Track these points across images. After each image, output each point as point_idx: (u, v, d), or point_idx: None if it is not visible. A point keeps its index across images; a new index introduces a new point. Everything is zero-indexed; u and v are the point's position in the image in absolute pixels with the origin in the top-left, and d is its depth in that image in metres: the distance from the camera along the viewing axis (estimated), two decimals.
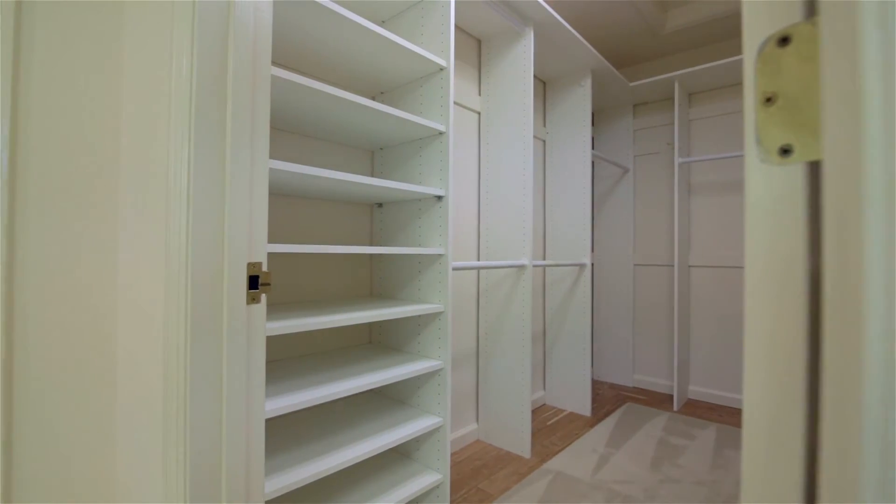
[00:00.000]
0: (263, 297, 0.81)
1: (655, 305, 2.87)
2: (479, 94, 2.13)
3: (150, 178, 0.81)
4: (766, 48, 0.30)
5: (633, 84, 2.64)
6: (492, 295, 2.07)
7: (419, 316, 1.47)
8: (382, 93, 1.62)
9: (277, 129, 1.38)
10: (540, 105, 2.57)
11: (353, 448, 1.14)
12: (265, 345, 0.82)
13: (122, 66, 0.90)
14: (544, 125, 2.59)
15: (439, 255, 1.41)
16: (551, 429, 2.21)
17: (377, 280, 1.66)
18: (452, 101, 1.40)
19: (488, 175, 2.10)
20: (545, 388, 2.57)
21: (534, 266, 2.19)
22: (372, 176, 1.67)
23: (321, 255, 1.50)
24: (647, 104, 2.94)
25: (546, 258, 2.59)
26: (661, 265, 2.86)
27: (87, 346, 0.86)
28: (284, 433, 1.23)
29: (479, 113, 2.13)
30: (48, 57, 0.82)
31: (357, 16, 1.13)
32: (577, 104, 2.44)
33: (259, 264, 0.79)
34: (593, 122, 3.11)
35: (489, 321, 2.08)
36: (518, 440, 1.93)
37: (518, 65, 1.96)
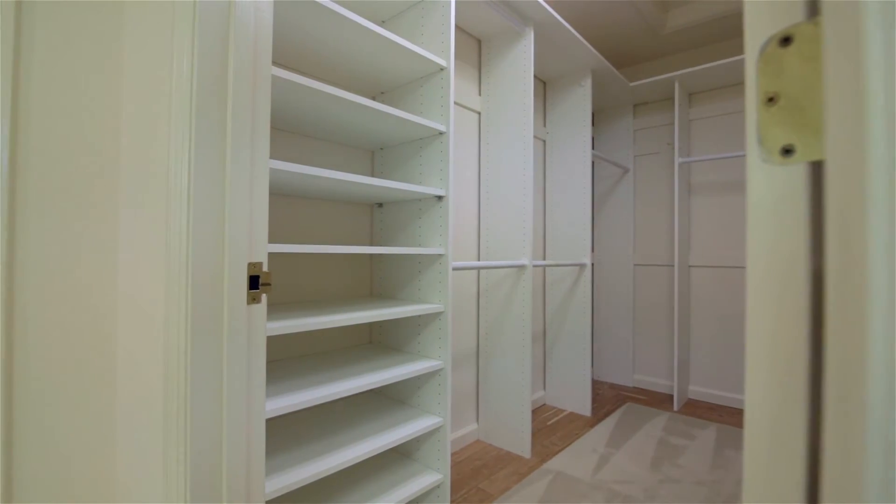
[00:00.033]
0: (264, 298, 0.81)
1: (655, 305, 2.87)
2: (480, 94, 2.13)
3: (151, 177, 0.81)
4: (767, 48, 0.30)
5: (633, 84, 2.64)
6: (492, 295, 2.07)
7: (419, 316, 1.47)
8: (383, 93, 1.62)
9: (278, 129, 1.38)
10: (540, 105, 2.57)
11: (354, 448, 1.14)
12: (265, 345, 0.82)
13: (122, 66, 0.90)
14: (544, 125, 2.59)
15: (439, 255, 1.41)
16: (551, 429, 2.21)
17: (377, 280, 1.66)
18: (453, 101, 1.40)
19: (488, 175, 2.10)
20: (545, 388, 2.57)
21: (534, 266, 2.19)
22: (372, 176, 1.66)
23: (321, 255, 1.50)
24: (647, 104, 2.94)
25: (546, 258, 2.59)
26: (661, 265, 2.86)
27: (87, 346, 0.86)
28: (285, 433, 1.23)
29: (479, 113, 2.13)
30: (48, 57, 0.82)
31: (357, 16, 1.13)
32: (577, 104, 2.44)
33: (259, 264, 0.79)
34: (593, 122, 3.11)
35: (489, 321, 2.08)
36: (518, 440, 1.93)
37: (518, 65, 1.96)
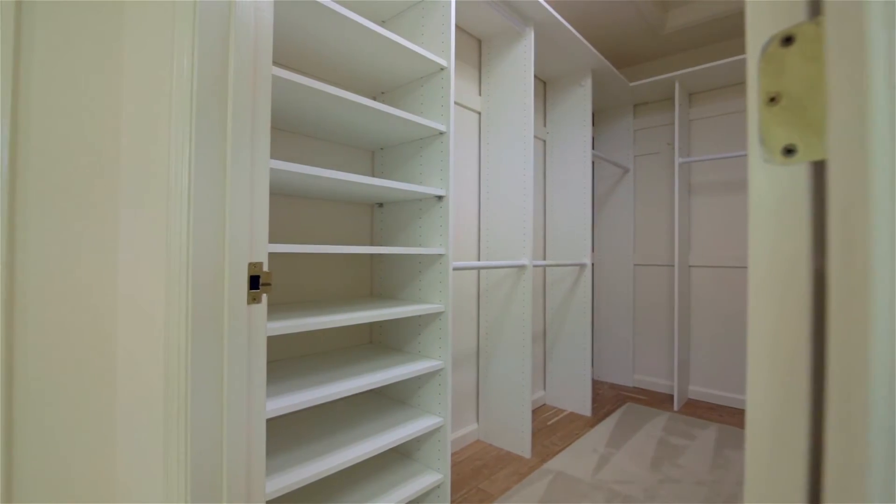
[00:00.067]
0: (264, 298, 0.80)
1: (655, 305, 2.87)
2: (480, 94, 2.13)
3: (151, 177, 0.81)
4: (769, 48, 0.30)
5: (633, 84, 2.64)
6: (492, 295, 2.07)
7: (420, 316, 1.47)
8: (383, 93, 1.62)
9: (278, 129, 1.37)
10: (540, 105, 2.57)
11: (354, 448, 1.14)
12: (266, 345, 0.82)
13: (122, 66, 0.90)
14: (545, 125, 2.59)
15: (440, 255, 1.41)
16: (551, 429, 2.21)
17: (378, 280, 1.66)
18: (453, 100, 1.41)
19: (489, 175, 2.10)
20: (545, 388, 2.57)
21: (534, 266, 2.19)
22: (372, 176, 1.66)
23: (322, 255, 1.50)
24: (647, 104, 2.94)
25: (546, 258, 2.59)
26: (661, 265, 2.86)
27: (87, 346, 0.86)
28: (285, 433, 1.23)
29: (479, 113, 2.13)
30: (48, 57, 0.82)
31: (358, 16, 1.13)
32: (577, 104, 2.44)
33: (260, 264, 0.79)
34: (593, 122, 3.11)
35: (489, 321, 2.08)
36: (518, 440, 1.93)
37: (518, 65, 1.96)
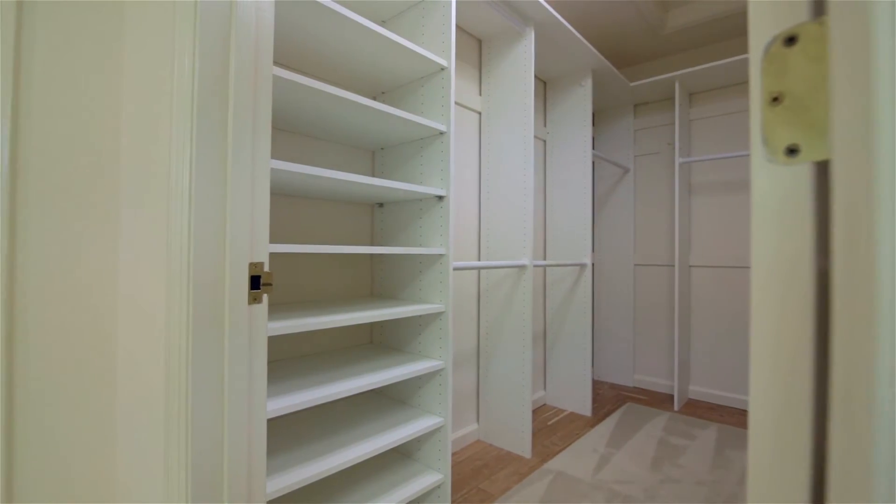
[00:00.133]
0: (265, 298, 0.80)
1: (656, 305, 2.87)
2: (480, 94, 2.13)
3: (152, 177, 0.81)
4: (772, 47, 0.30)
5: (633, 84, 2.64)
6: (492, 295, 2.07)
7: (420, 316, 1.47)
8: (383, 93, 1.62)
9: (279, 129, 1.37)
10: (540, 105, 2.57)
11: (355, 448, 1.14)
12: (267, 345, 0.82)
13: (122, 65, 0.90)
14: (545, 125, 2.59)
15: (440, 255, 1.41)
16: (552, 429, 2.21)
17: (378, 280, 1.66)
18: (453, 100, 1.40)
19: (489, 175, 2.10)
20: (545, 388, 2.57)
21: (534, 266, 2.19)
22: (373, 176, 1.66)
23: (322, 255, 1.50)
24: (647, 104, 2.94)
25: (546, 258, 2.59)
26: (661, 265, 2.86)
27: (87, 347, 0.86)
28: (286, 433, 1.23)
29: (479, 113, 2.13)
30: (49, 57, 0.82)
31: (358, 16, 1.13)
32: (577, 104, 2.44)
33: (261, 264, 0.79)
34: (594, 122, 3.11)
35: (490, 321, 2.08)
36: (518, 440, 1.93)
37: (519, 65, 1.96)
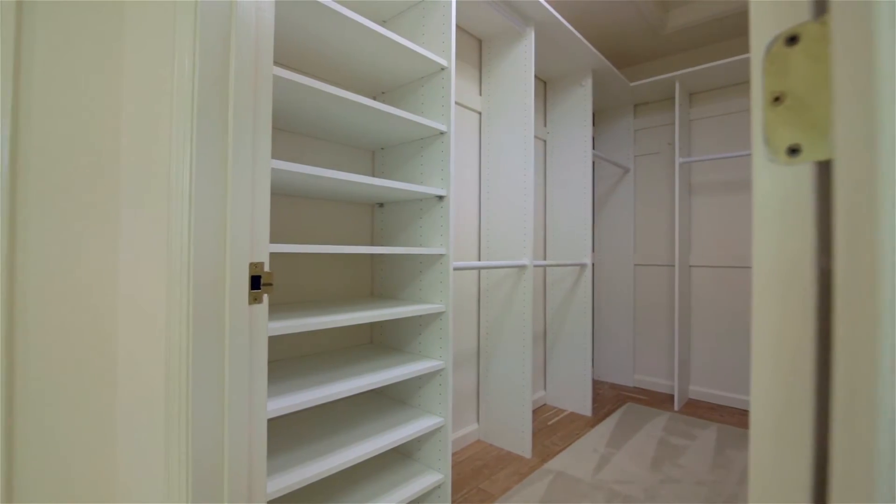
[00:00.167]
0: (265, 298, 0.80)
1: (656, 305, 2.87)
2: (480, 94, 2.13)
3: (152, 177, 0.81)
4: (773, 47, 0.30)
5: (633, 84, 2.63)
6: (492, 295, 2.07)
7: (420, 316, 1.47)
8: (383, 93, 1.62)
9: (279, 129, 1.37)
10: (541, 105, 2.57)
11: (355, 448, 1.14)
12: (267, 345, 0.81)
13: (122, 65, 0.90)
14: (545, 125, 2.59)
15: (440, 255, 1.41)
16: (552, 429, 2.21)
17: (378, 280, 1.66)
18: (453, 100, 1.40)
19: (489, 175, 2.09)
20: (546, 388, 2.57)
21: (534, 266, 2.19)
22: (373, 176, 1.66)
23: (322, 255, 1.50)
24: (647, 104, 2.94)
25: (547, 258, 2.59)
26: (661, 265, 2.85)
27: (87, 346, 0.86)
28: (286, 433, 1.23)
29: (479, 113, 2.13)
30: (49, 57, 0.82)
31: (358, 15, 1.13)
32: (577, 104, 2.44)
33: (261, 264, 0.79)
34: (594, 122, 3.11)
35: (490, 321, 2.07)
36: (519, 440, 1.93)
37: (519, 65, 1.96)
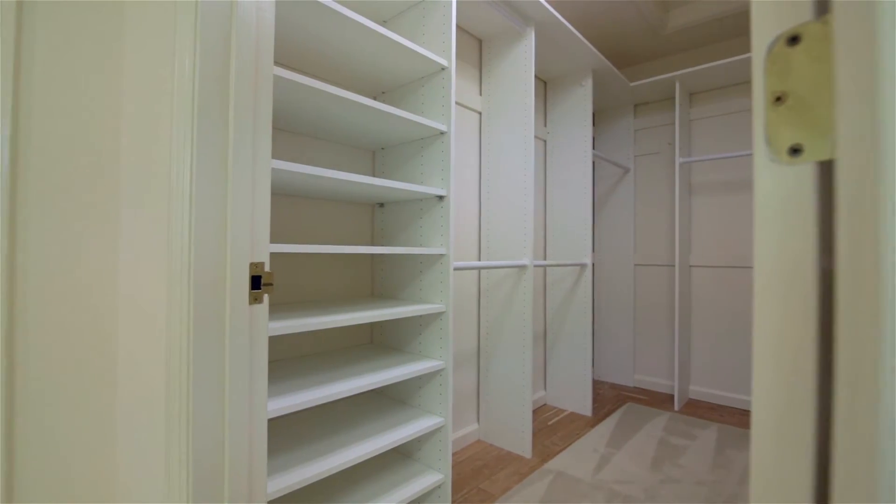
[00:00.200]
0: (266, 298, 0.80)
1: (656, 305, 2.87)
2: (480, 94, 2.13)
3: (152, 177, 0.81)
4: (775, 47, 0.30)
5: (633, 84, 2.63)
6: (493, 295, 2.07)
7: (420, 316, 1.47)
8: (384, 92, 1.62)
9: (279, 129, 1.37)
10: (541, 105, 2.57)
11: (355, 448, 1.14)
12: (268, 345, 0.81)
13: (122, 65, 0.90)
14: (545, 125, 2.59)
15: (440, 255, 1.41)
16: (552, 429, 2.21)
17: (378, 280, 1.66)
18: (454, 100, 1.40)
19: (489, 175, 2.09)
20: (546, 388, 2.57)
21: (535, 266, 2.18)
22: (373, 176, 1.66)
23: (322, 255, 1.50)
24: (647, 104, 2.94)
25: (547, 258, 2.59)
26: (661, 265, 2.85)
27: (87, 346, 0.86)
28: (286, 433, 1.23)
29: (480, 113, 2.13)
30: (49, 57, 0.82)
31: (359, 15, 1.13)
32: (577, 104, 2.44)
33: (262, 264, 0.79)
34: (594, 122, 3.11)
35: (490, 321, 2.07)
36: (519, 440, 1.93)
37: (519, 65, 1.96)
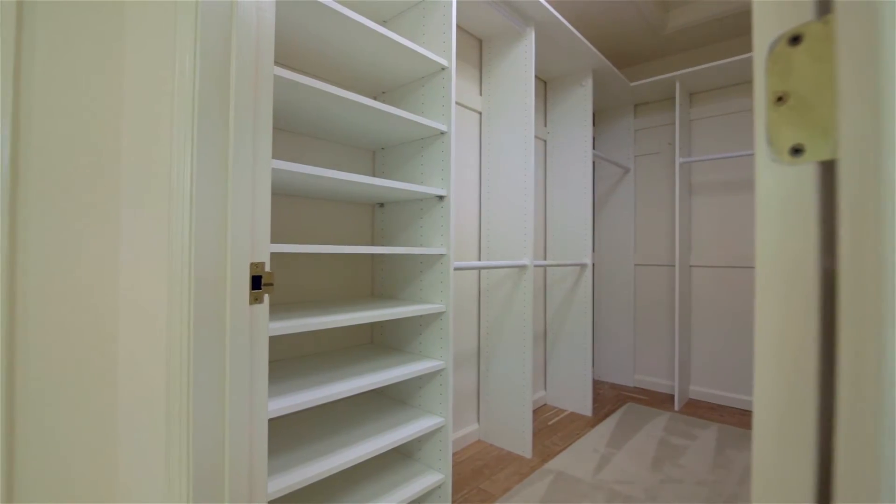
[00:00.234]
0: (266, 298, 0.80)
1: (656, 305, 2.87)
2: (481, 94, 2.13)
3: (153, 177, 0.81)
4: (776, 47, 0.30)
5: (633, 84, 2.63)
6: (493, 295, 2.07)
7: (421, 316, 1.47)
8: (384, 92, 1.62)
9: (279, 129, 1.37)
10: (541, 105, 2.57)
11: (356, 448, 1.14)
12: (268, 345, 0.81)
13: (123, 65, 0.90)
14: (545, 125, 2.59)
15: (441, 255, 1.41)
16: (552, 429, 2.21)
17: (379, 280, 1.66)
18: (454, 100, 1.40)
19: (489, 175, 2.09)
20: (546, 388, 2.57)
21: (535, 266, 2.18)
22: (373, 176, 1.66)
23: (323, 255, 1.50)
24: (647, 104, 2.94)
25: (547, 258, 2.59)
26: (661, 265, 2.85)
27: (87, 346, 0.85)
28: (287, 433, 1.23)
29: (480, 113, 2.13)
30: (49, 57, 0.82)
31: (359, 15, 1.13)
32: (578, 104, 2.44)
33: (262, 264, 0.79)
34: (594, 122, 3.10)
35: (490, 321, 2.07)
36: (519, 440, 1.93)
37: (519, 65, 1.96)
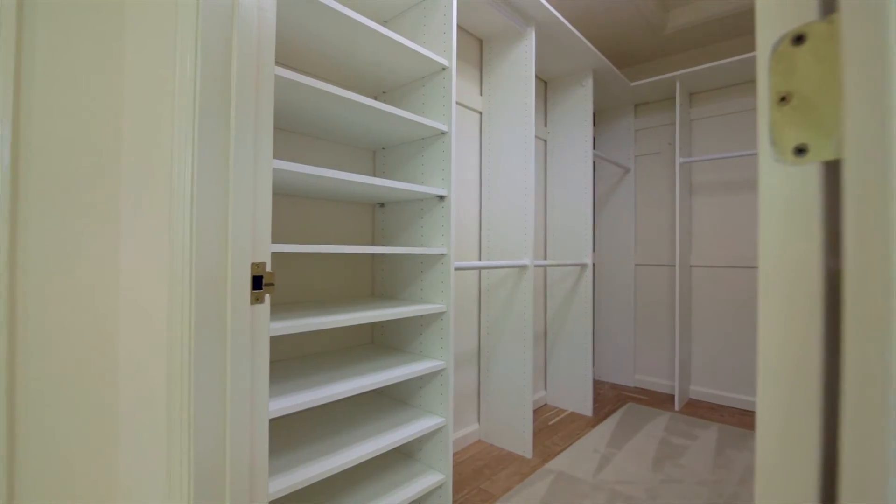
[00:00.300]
0: (267, 298, 0.80)
1: (657, 305, 2.87)
2: (481, 94, 2.13)
3: (153, 177, 0.81)
4: (780, 47, 0.30)
5: (634, 84, 2.63)
6: (493, 295, 2.07)
7: (421, 316, 1.47)
8: (384, 92, 1.62)
9: (280, 129, 1.37)
10: (541, 105, 2.57)
11: (356, 448, 1.14)
12: (269, 345, 0.81)
13: (123, 66, 0.90)
14: (545, 125, 2.59)
15: (441, 254, 1.41)
16: (553, 429, 2.21)
17: (379, 280, 1.66)
18: (454, 100, 1.40)
19: (490, 175, 2.09)
20: (546, 388, 2.57)
21: (535, 266, 2.18)
22: (374, 176, 1.66)
23: (323, 254, 1.50)
24: (648, 104, 2.93)
25: (547, 258, 2.59)
26: (662, 265, 2.85)
27: (88, 347, 0.85)
28: (287, 433, 1.23)
29: (480, 113, 2.13)
30: (50, 57, 0.82)
31: (360, 15, 1.13)
32: (578, 104, 2.44)
33: (263, 264, 0.79)
34: (594, 122, 3.10)
35: (490, 321, 2.07)
36: (519, 440, 1.92)
37: (519, 65, 1.96)
